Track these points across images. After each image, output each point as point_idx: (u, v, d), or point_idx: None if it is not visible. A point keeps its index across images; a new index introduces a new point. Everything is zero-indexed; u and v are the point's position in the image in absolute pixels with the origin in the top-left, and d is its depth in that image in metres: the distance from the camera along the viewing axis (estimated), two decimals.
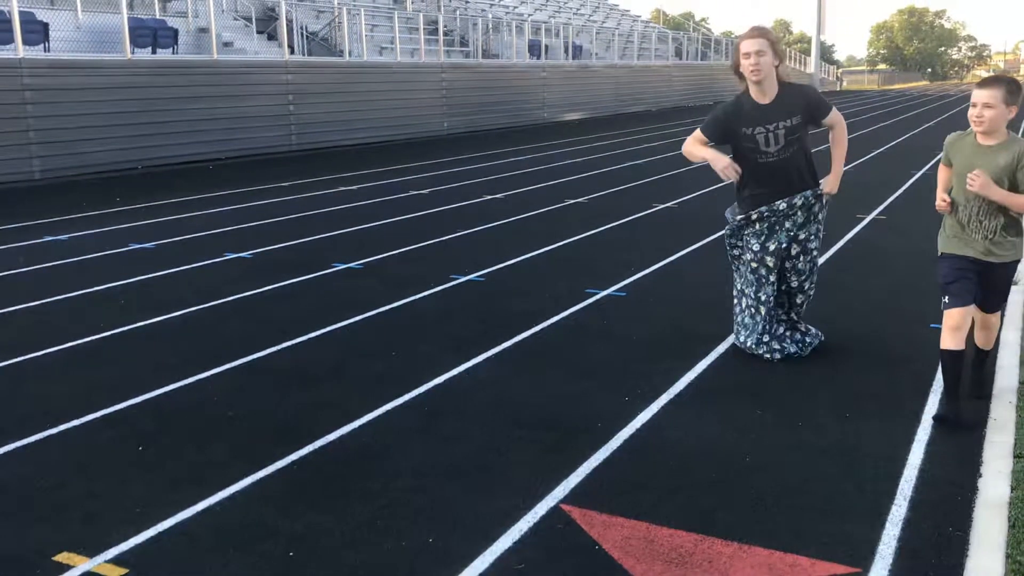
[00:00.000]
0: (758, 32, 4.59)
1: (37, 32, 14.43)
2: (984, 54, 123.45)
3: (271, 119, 17.08)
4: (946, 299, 4.07)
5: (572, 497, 3.42)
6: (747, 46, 4.56)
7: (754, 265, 4.86)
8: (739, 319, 5.03)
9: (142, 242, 8.36)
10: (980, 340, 4.41)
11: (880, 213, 9.97)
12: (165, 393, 4.52)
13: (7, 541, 3.11)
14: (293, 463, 3.72)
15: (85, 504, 3.37)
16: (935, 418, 4.06)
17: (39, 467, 3.69)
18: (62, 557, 3.00)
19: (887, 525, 3.19)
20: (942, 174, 4.27)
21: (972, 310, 4.10)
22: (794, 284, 4.92)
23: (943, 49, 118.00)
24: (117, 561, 2.98)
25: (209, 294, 6.44)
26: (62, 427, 4.09)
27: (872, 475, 3.57)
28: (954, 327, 4.01)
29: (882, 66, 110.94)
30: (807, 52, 64.42)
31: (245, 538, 3.12)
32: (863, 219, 9.55)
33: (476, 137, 21.15)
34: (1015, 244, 4.09)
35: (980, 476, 3.52)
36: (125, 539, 3.11)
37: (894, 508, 3.31)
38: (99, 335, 5.49)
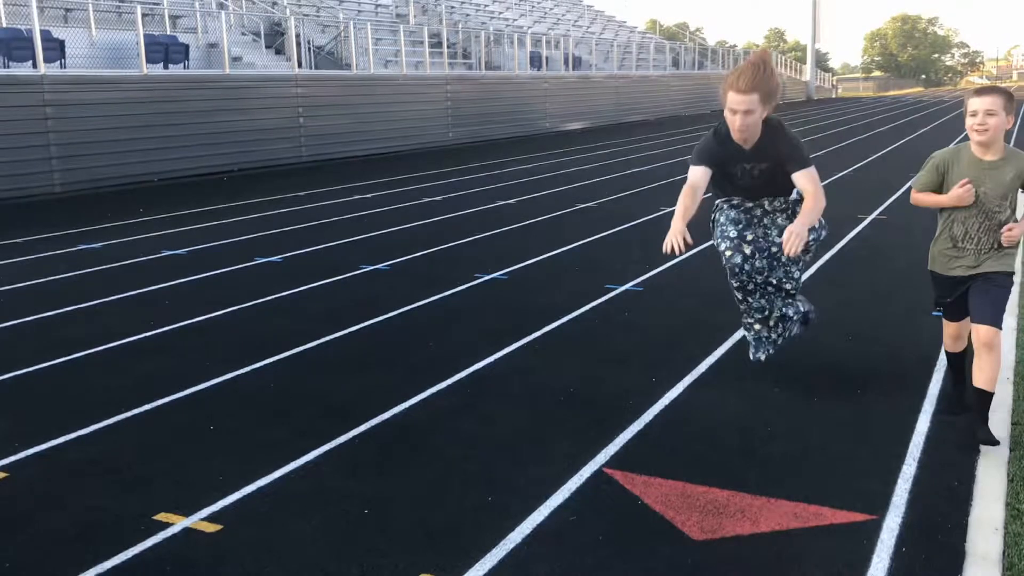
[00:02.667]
0: (749, 86, 4.04)
1: (54, 49, 14.79)
2: (977, 60, 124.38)
3: (282, 131, 17.46)
4: (940, 312, 4.15)
5: (612, 463, 3.76)
6: (735, 101, 4.08)
7: (732, 257, 4.44)
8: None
9: (174, 249, 8.71)
10: (981, 377, 3.76)
11: (880, 213, 10.35)
12: (224, 381, 4.86)
13: (109, 505, 3.45)
14: (353, 438, 4.06)
15: (172, 474, 3.72)
16: (945, 411, 4.17)
17: (122, 445, 4.04)
18: (161, 516, 3.34)
19: (899, 481, 3.55)
20: (924, 197, 3.96)
21: (965, 323, 4.01)
22: (773, 281, 4.52)
23: (936, 56, 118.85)
24: (211, 519, 3.32)
25: (248, 295, 6.79)
26: (136, 411, 4.43)
27: (883, 440, 3.92)
28: (954, 335, 4.15)
29: (877, 73, 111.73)
30: (802, 60, 65.00)
31: (322, 500, 3.47)
32: (864, 219, 9.93)
33: (481, 147, 21.54)
34: (1009, 255, 3.87)
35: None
36: (215, 501, 3.45)
37: (904, 467, 3.66)
38: (153, 332, 5.84)
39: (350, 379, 4.89)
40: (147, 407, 4.48)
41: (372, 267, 7.79)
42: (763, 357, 4.69)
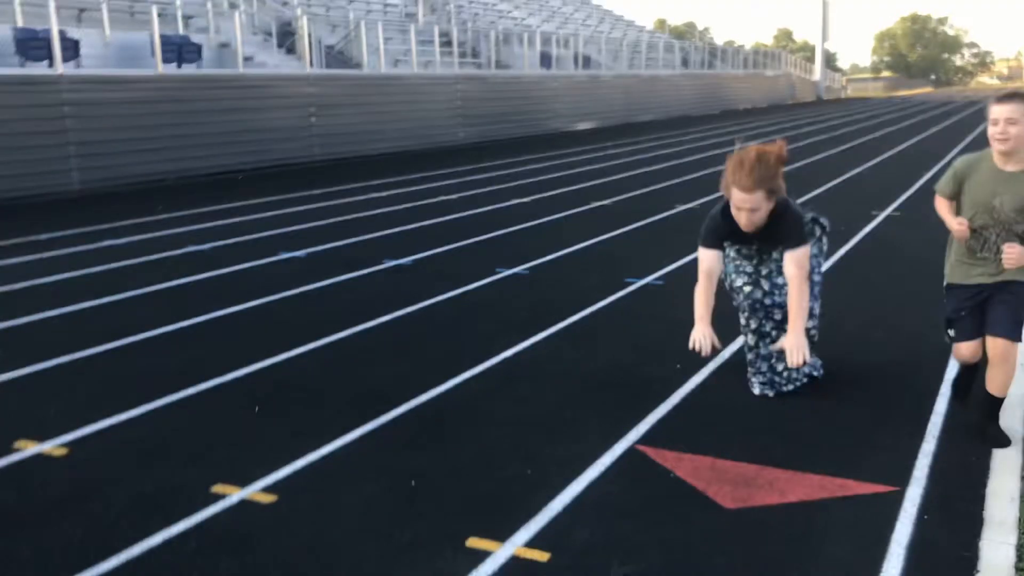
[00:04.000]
0: (751, 184, 3.92)
1: (69, 49, 14.98)
2: (987, 60, 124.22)
3: (294, 130, 17.64)
4: (951, 332, 3.94)
5: (643, 440, 3.94)
6: (740, 199, 3.97)
7: (753, 293, 4.43)
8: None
9: (198, 245, 8.89)
10: (994, 385, 3.81)
11: (895, 210, 10.50)
12: (263, 367, 5.04)
13: (166, 478, 3.63)
14: (394, 419, 4.24)
15: (224, 450, 3.90)
16: (953, 396, 4.23)
17: (173, 425, 4.22)
18: (218, 488, 3.52)
19: (919, 456, 3.71)
20: (943, 206, 3.91)
21: (980, 343, 3.87)
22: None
23: (946, 56, 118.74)
24: (266, 490, 3.50)
25: (275, 288, 6.97)
26: (181, 394, 4.61)
27: (903, 420, 4.09)
28: (964, 360, 4.00)
29: (886, 73, 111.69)
30: (810, 59, 65.11)
31: (370, 473, 3.65)
32: (878, 215, 10.08)
33: (491, 146, 21.70)
34: None
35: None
36: (267, 474, 3.63)
37: (924, 444, 3.83)
38: (188, 321, 6.02)
39: (384, 365, 5.06)
40: (192, 391, 4.66)
41: (394, 262, 7.96)
42: (757, 391, 4.45)
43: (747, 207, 3.96)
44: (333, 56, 21.44)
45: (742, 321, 4.53)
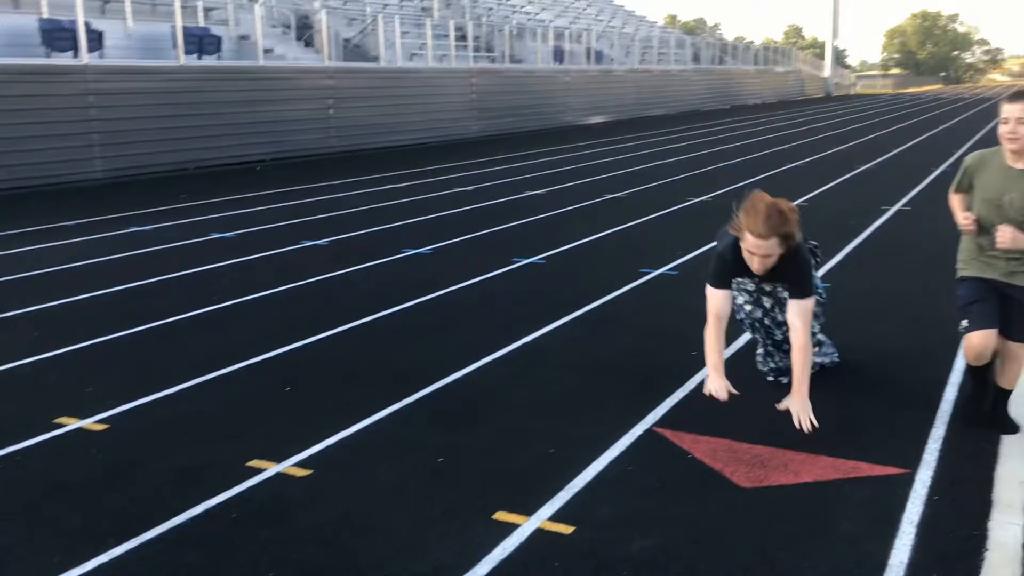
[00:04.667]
0: (767, 231, 3.83)
1: (93, 40, 15.17)
2: (998, 58, 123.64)
3: (312, 122, 17.81)
4: (965, 323, 3.76)
5: (661, 423, 4.07)
6: (753, 245, 3.88)
7: (753, 312, 4.47)
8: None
9: (222, 232, 9.06)
10: (1006, 379, 3.91)
11: (904, 205, 10.60)
12: (293, 349, 5.20)
13: (203, 453, 3.79)
14: (419, 399, 4.39)
15: (257, 427, 4.05)
16: (963, 418, 3.98)
17: (207, 403, 4.38)
18: (253, 463, 3.68)
19: (929, 441, 3.84)
20: (955, 200, 3.92)
21: (994, 335, 3.72)
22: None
23: (957, 53, 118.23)
24: (300, 465, 3.65)
25: (300, 274, 7.12)
26: (215, 374, 4.77)
27: (914, 407, 4.21)
28: (976, 355, 3.75)
29: (896, 70, 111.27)
30: (820, 56, 64.97)
31: (399, 449, 3.80)
32: (887, 210, 10.18)
33: (505, 139, 21.83)
34: None
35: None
36: (301, 450, 3.78)
37: (934, 430, 3.95)
38: (218, 306, 6.18)
39: (408, 349, 5.21)
40: (223, 371, 4.82)
41: (414, 251, 8.11)
42: (771, 378, 4.56)
43: (760, 253, 3.88)
44: (350, 49, 21.59)
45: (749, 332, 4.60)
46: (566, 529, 3.16)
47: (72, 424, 4.12)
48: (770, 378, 4.57)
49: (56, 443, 3.93)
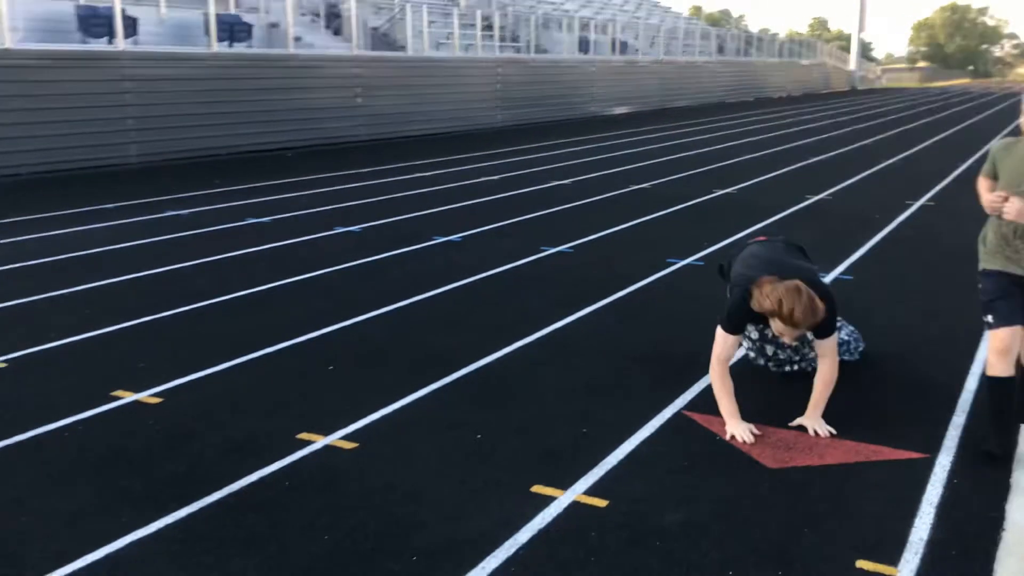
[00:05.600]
0: (801, 322, 3.75)
1: (128, 26, 15.44)
2: None
3: (341, 110, 18.01)
4: (989, 318, 3.70)
5: (690, 407, 4.24)
6: (783, 331, 3.84)
7: (755, 360, 4.71)
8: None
9: (258, 217, 9.28)
10: None
11: (929, 200, 10.67)
12: (333, 331, 5.40)
13: (254, 426, 3.99)
14: (455, 380, 4.57)
15: (304, 402, 4.25)
16: (984, 453, 3.71)
17: (255, 379, 4.59)
18: (303, 436, 3.88)
19: (949, 428, 3.99)
20: (983, 186, 3.86)
21: (1020, 332, 3.68)
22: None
23: (985, 47, 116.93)
24: (347, 438, 3.85)
25: (335, 259, 7.32)
26: (259, 353, 4.98)
27: (935, 395, 4.36)
28: (1001, 350, 3.64)
29: (922, 63, 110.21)
30: (845, 48, 64.54)
31: (440, 426, 3.99)
32: (912, 204, 10.27)
33: (529, 129, 21.96)
34: None
35: None
36: (347, 425, 3.98)
37: (955, 417, 4.10)
38: (257, 288, 6.39)
39: (443, 333, 5.40)
40: (268, 350, 5.03)
41: (444, 238, 8.29)
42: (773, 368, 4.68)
43: (790, 338, 3.89)
44: (378, 38, 21.77)
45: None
46: (600, 503, 3.34)
47: (128, 397, 4.33)
48: (773, 368, 4.68)
49: (114, 414, 4.15)
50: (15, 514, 3.25)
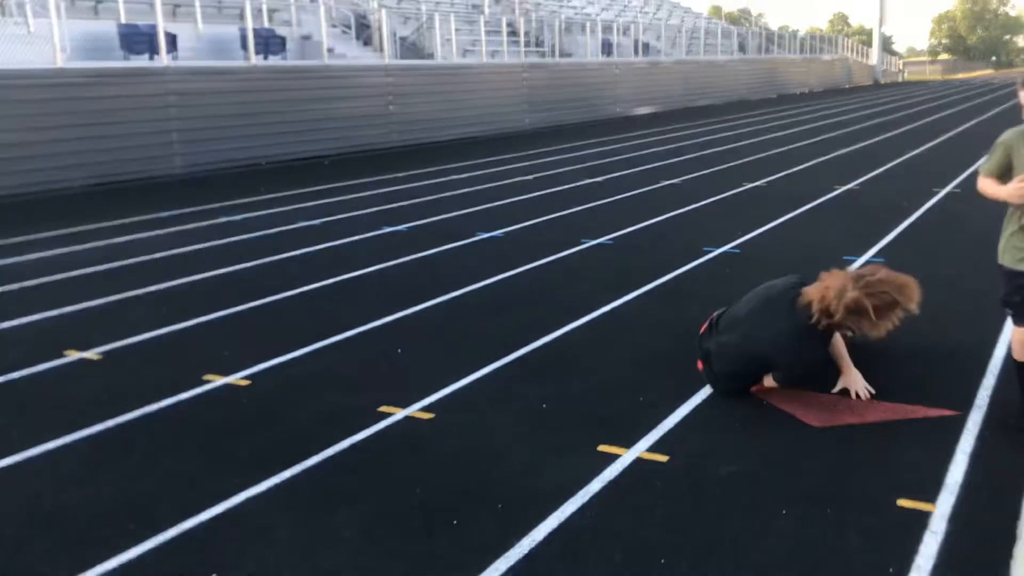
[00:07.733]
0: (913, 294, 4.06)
1: (169, 43, 15.98)
2: None
3: (374, 118, 18.47)
4: (1009, 314, 3.88)
5: None
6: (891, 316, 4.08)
7: None
8: None
9: (309, 220, 9.71)
10: None
11: (955, 187, 10.92)
12: (395, 319, 5.79)
13: (338, 401, 4.38)
14: (516, 359, 4.94)
15: (380, 380, 4.64)
16: (1014, 425, 3.86)
17: (330, 362, 4.98)
18: (384, 408, 4.26)
19: (980, 390, 4.30)
20: (988, 184, 3.91)
21: None
22: None
23: (1008, 37, 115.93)
24: (424, 410, 4.23)
25: (387, 256, 7.72)
26: (331, 340, 5.37)
27: (966, 361, 4.68)
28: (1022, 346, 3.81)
29: (944, 56, 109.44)
30: (866, 43, 64.38)
31: (506, 398, 4.36)
32: (939, 192, 10.52)
33: (557, 131, 22.32)
34: None
35: None
36: (422, 398, 4.36)
37: (984, 380, 4.41)
38: (318, 283, 6.79)
39: (500, 317, 5.77)
40: (338, 337, 5.42)
41: (488, 234, 8.67)
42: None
43: (886, 329, 4.12)
44: (407, 47, 22.24)
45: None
46: (662, 458, 3.69)
47: (219, 380, 4.73)
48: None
49: (209, 395, 4.55)
50: (141, 478, 3.65)
